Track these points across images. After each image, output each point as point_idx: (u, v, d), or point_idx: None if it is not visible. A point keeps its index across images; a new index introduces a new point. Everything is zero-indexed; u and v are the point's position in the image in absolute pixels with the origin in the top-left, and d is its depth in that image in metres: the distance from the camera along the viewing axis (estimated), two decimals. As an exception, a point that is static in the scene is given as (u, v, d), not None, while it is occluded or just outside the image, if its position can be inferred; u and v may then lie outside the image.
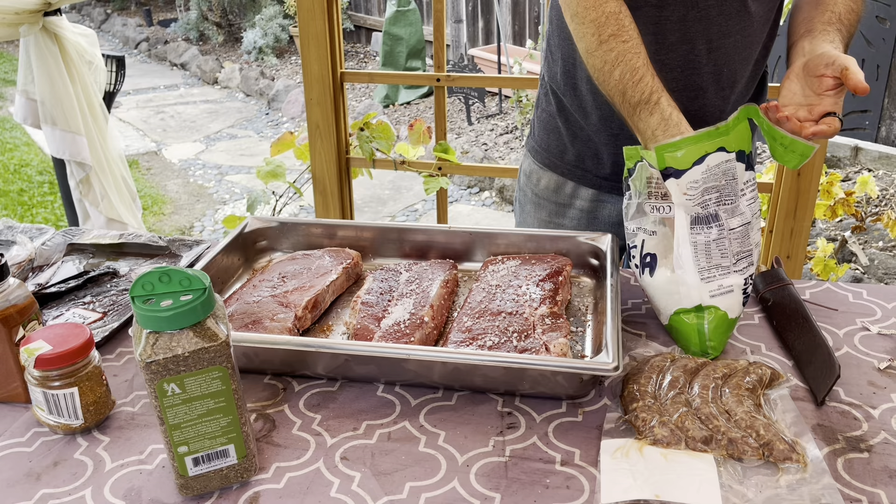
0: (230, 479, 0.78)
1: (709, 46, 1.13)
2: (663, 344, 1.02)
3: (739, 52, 1.16)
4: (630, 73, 0.99)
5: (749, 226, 0.98)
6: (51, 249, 1.31)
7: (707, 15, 1.11)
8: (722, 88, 1.18)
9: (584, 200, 1.34)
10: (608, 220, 1.34)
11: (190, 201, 4.87)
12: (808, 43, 1.03)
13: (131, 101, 7.18)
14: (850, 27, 1.07)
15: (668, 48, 1.13)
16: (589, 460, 0.81)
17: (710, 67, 1.15)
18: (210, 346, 0.71)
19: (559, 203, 1.36)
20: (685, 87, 1.16)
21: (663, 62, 1.12)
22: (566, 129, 1.31)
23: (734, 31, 1.13)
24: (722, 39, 1.13)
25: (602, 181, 1.31)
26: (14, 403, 0.93)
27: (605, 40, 1.01)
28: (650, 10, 1.10)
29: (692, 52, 1.13)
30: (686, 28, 1.11)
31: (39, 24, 2.53)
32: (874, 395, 0.91)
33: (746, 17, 1.13)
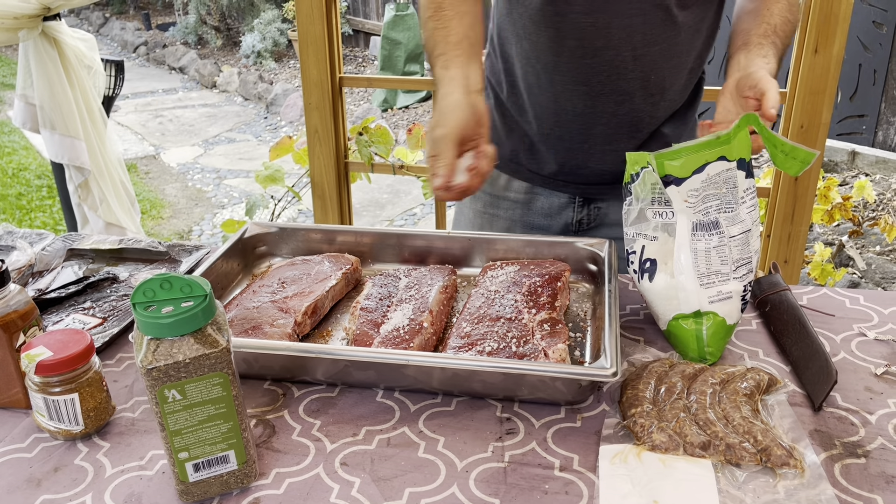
0: (230, 484, 0.79)
1: (634, 54, 1.16)
2: (661, 349, 1.03)
3: (668, 60, 1.19)
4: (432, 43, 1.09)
5: (749, 233, 0.98)
6: (50, 255, 1.32)
7: (631, 23, 1.14)
8: (651, 94, 1.21)
9: (518, 193, 1.37)
10: (540, 212, 1.37)
11: (188, 205, 4.88)
12: (744, 57, 1.08)
13: (130, 105, 7.19)
14: (784, 38, 1.12)
15: (593, 53, 1.17)
16: (588, 466, 0.82)
17: (636, 73, 1.18)
18: (211, 353, 0.72)
19: (493, 195, 1.39)
20: (612, 91, 1.19)
21: (590, 66, 1.17)
22: (502, 124, 1.34)
23: (660, 40, 1.16)
24: (647, 47, 1.16)
25: (535, 175, 1.34)
26: (14, 409, 0.93)
27: (425, 21, 1.11)
28: (577, 16, 1.14)
29: (618, 58, 1.17)
30: (611, 35, 1.15)
31: (39, 29, 2.53)
32: (871, 400, 0.91)
33: (672, 27, 1.16)
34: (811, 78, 1.95)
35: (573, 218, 1.35)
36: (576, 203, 1.34)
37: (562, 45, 1.17)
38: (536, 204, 1.36)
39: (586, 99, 1.21)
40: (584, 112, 1.22)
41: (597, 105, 1.21)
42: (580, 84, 1.20)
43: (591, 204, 1.34)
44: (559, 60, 1.19)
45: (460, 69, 1.05)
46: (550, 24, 1.16)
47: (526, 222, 1.38)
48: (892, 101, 4.40)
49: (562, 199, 1.34)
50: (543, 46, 1.19)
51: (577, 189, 1.32)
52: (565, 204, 1.34)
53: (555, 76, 1.20)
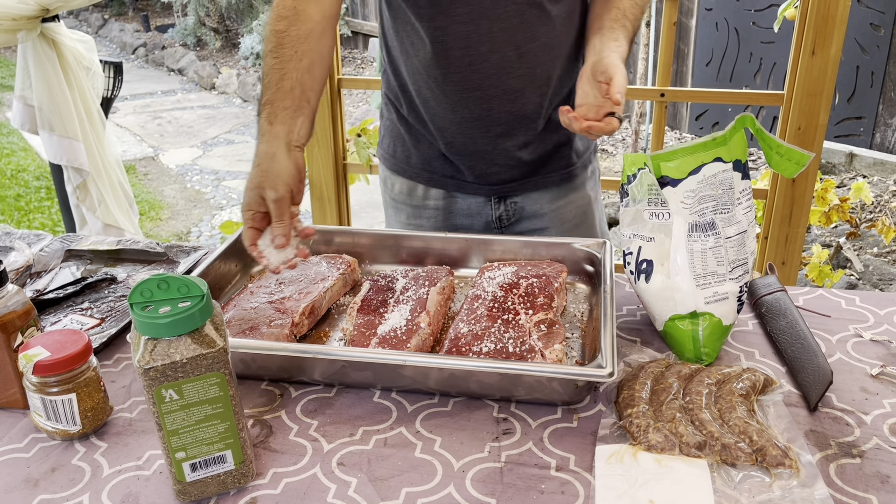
0: (227, 484, 0.79)
1: (518, 52, 1.20)
2: (658, 350, 1.03)
3: (549, 53, 1.24)
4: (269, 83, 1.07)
5: (745, 234, 0.99)
6: (49, 255, 1.32)
7: (510, 25, 1.18)
8: (539, 87, 1.25)
9: (437, 200, 1.40)
10: (463, 213, 1.40)
11: (187, 207, 4.88)
12: (598, 41, 1.14)
13: (128, 107, 7.19)
14: (634, 21, 1.19)
15: (480, 58, 1.21)
16: (584, 466, 0.82)
17: (523, 71, 1.22)
18: (208, 353, 0.72)
19: (414, 206, 1.42)
20: (503, 92, 1.23)
21: (479, 71, 1.22)
22: (408, 136, 1.37)
23: (539, 35, 1.21)
24: (529, 44, 1.21)
25: (449, 181, 1.37)
26: (12, 409, 0.93)
27: (266, 54, 1.10)
28: (458, 27, 1.18)
29: (504, 60, 1.21)
30: (493, 39, 1.19)
31: (37, 30, 2.54)
32: (866, 401, 0.92)
33: (548, 21, 1.21)
34: (809, 80, 1.96)
35: (493, 216, 1.39)
36: (492, 202, 1.37)
37: (449, 56, 1.21)
38: (456, 206, 1.40)
39: (481, 103, 1.25)
40: (481, 116, 1.26)
41: (492, 107, 1.25)
42: (473, 90, 1.24)
43: (507, 200, 1.37)
44: (449, 72, 1.23)
45: (284, 125, 1.04)
46: (435, 39, 1.20)
47: (450, 225, 1.41)
48: (889, 103, 4.41)
49: (479, 199, 1.38)
50: (432, 61, 1.23)
51: (490, 189, 1.36)
52: (483, 203, 1.38)
53: (446, 87, 1.24)
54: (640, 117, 4.79)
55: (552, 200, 1.38)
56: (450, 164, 1.35)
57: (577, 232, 1.41)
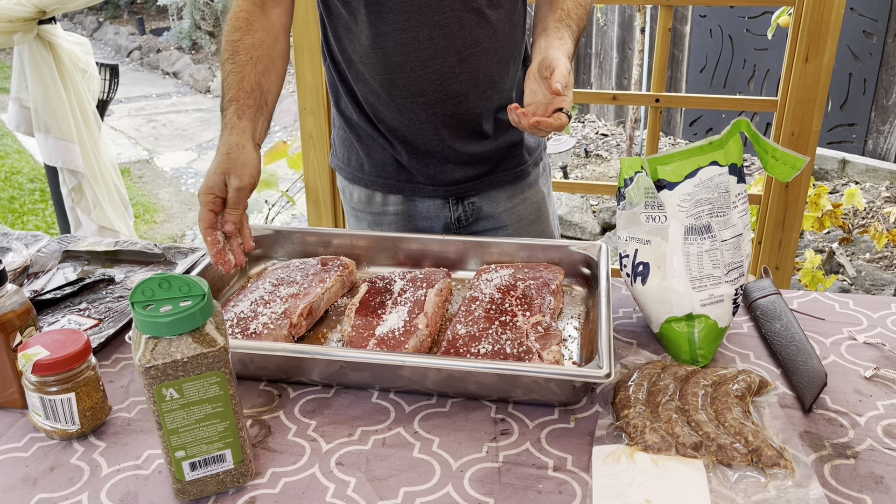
0: (226, 483, 0.79)
1: (458, 57, 1.22)
2: (654, 352, 1.04)
3: (491, 57, 1.25)
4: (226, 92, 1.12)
5: (740, 237, 1.00)
6: (46, 256, 1.32)
7: (450, 31, 1.20)
8: (483, 91, 1.27)
9: (397, 205, 1.41)
10: (422, 216, 1.41)
11: (182, 209, 4.87)
12: (544, 41, 1.14)
13: (123, 110, 7.17)
14: (578, 20, 1.20)
15: (421, 65, 1.22)
16: (581, 466, 0.83)
17: (465, 76, 1.24)
18: (208, 352, 0.72)
19: (374, 213, 1.43)
20: (447, 97, 1.25)
21: (420, 77, 1.23)
22: (360, 145, 1.38)
23: (480, 41, 1.23)
24: (470, 49, 1.22)
25: (405, 185, 1.38)
26: (10, 409, 0.93)
27: (223, 62, 1.15)
28: (397, 34, 1.20)
29: (445, 65, 1.22)
30: (434, 45, 1.21)
31: (34, 32, 2.53)
32: (860, 402, 0.93)
33: (488, 27, 1.23)
34: (802, 87, 1.97)
35: (451, 217, 1.40)
36: (450, 203, 1.39)
37: (390, 62, 1.23)
38: (416, 211, 1.41)
39: (425, 107, 1.26)
40: (427, 120, 1.28)
41: (437, 112, 1.26)
42: (417, 95, 1.25)
43: (465, 200, 1.39)
44: (393, 77, 1.24)
45: (251, 122, 1.10)
46: (377, 46, 1.22)
47: (412, 227, 1.42)
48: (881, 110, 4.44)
49: (437, 202, 1.39)
50: (376, 67, 1.24)
51: (447, 191, 1.37)
52: (441, 206, 1.39)
53: (392, 91, 1.26)
54: (635, 123, 4.81)
55: (508, 198, 1.40)
56: (404, 169, 1.36)
57: (534, 228, 1.43)
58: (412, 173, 1.36)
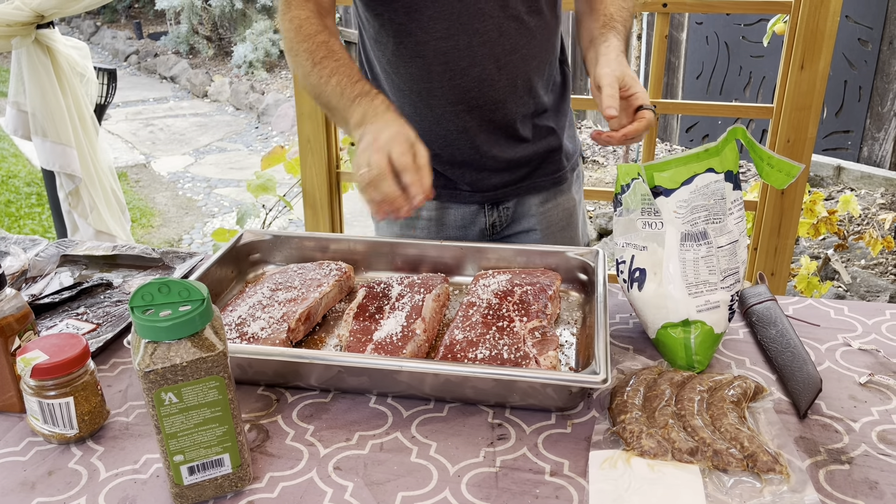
0: (224, 488, 0.79)
1: (497, 65, 1.23)
2: (650, 357, 1.04)
3: (529, 63, 1.26)
4: (347, 77, 1.12)
5: (736, 244, 1.00)
6: (44, 261, 1.32)
7: (489, 39, 1.20)
8: (520, 97, 1.28)
9: (429, 210, 1.41)
10: (454, 225, 1.41)
11: (179, 214, 4.87)
12: (594, 52, 1.17)
13: (120, 114, 7.18)
14: (623, 21, 1.21)
15: (460, 73, 1.23)
16: (578, 471, 0.83)
17: (504, 82, 1.25)
18: (207, 357, 0.73)
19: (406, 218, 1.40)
20: (486, 103, 1.25)
21: (458, 86, 1.24)
22: None
23: (519, 47, 1.23)
24: (509, 56, 1.23)
25: (442, 192, 1.37)
26: (9, 413, 0.94)
27: (318, 62, 1.14)
28: (437, 42, 1.20)
29: (484, 73, 1.23)
30: (473, 53, 1.21)
31: (32, 37, 2.54)
32: (855, 408, 0.93)
33: (527, 33, 1.23)
34: (797, 94, 1.99)
35: (486, 223, 1.40)
36: (486, 209, 1.39)
37: (430, 71, 1.23)
38: (449, 217, 1.41)
39: (464, 115, 1.26)
40: (465, 127, 1.28)
41: (474, 118, 1.27)
42: (455, 104, 1.25)
43: (500, 206, 1.39)
44: (431, 87, 1.25)
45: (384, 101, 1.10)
46: (415, 55, 1.22)
47: (442, 237, 1.42)
48: (877, 117, 4.46)
49: (472, 208, 1.39)
50: (413, 76, 1.25)
51: (483, 197, 1.37)
52: (476, 211, 1.39)
53: (430, 101, 1.26)
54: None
55: (541, 203, 1.40)
56: (441, 178, 1.36)
57: (563, 234, 1.43)
58: (449, 180, 1.36)
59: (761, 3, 2.13)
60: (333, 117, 1.18)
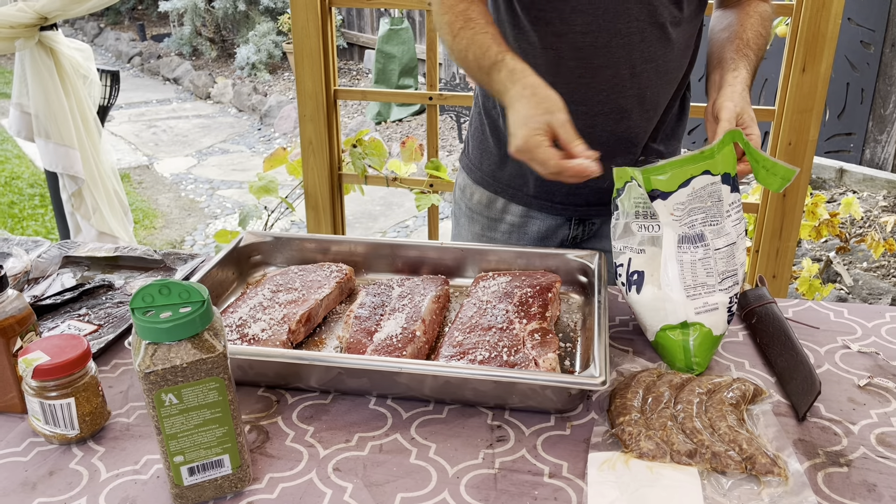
0: (224, 489, 0.80)
1: (632, 71, 1.19)
2: (649, 360, 1.04)
3: (661, 77, 1.22)
4: (478, 48, 1.09)
5: (734, 246, 1.01)
6: (46, 262, 1.33)
7: (630, 42, 1.17)
8: (646, 110, 1.23)
9: (514, 216, 1.38)
10: (536, 235, 1.38)
11: (181, 215, 4.88)
12: (719, 75, 1.14)
13: (123, 115, 7.19)
14: (758, 51, 1.17)
15: (592, 72, 1.19)
16: (576, 473, 0.83)
17: (633, 91, 1.21)
18: (208, 358, 0.73)
19: (491, 218, 1.40)
20: (611, 110, 1.21)
21: (589, 85, 1.19)
22: (497, 149, 1.34)
23: (656, 57, 1.19)
24: (644, 65, 1.19)
25: (531, 199, 1.35)
26: (10, 414, 0.94)
27: (456, 33, 1.13)
28: (575, 36, 1.16)
29: (616, 76, 1.19)
30: (610, 53, 1.17)
31: (35, 39, 2.55)
32: (854, 411, 0.93)
33: (667, 44, 1.19)
34: (799, 96, 1.99)
35: (568, 236, 1.37)
36: (572, 223, 1.36)
37: (560, 65, 1.19)
38: (532, 227, 1.37)
39: (585, 119, 1.20)
40: (583, 132, 1.19)
41: (596, 124, 1.22)
42: (579, 104, 1.19)
43: (587, 221, 1.36)
44: (557, 81, 1.16)
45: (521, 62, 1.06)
46: (548, 46, 1.18)
47: (522, 244, 1.38)
48: (879, 119, 4.46)
49: (558, 220, 1.36)
50: (542, 68, 1.17)
51: (574, 211, 1.34)
52: (561, 224, 1.36)
53: None
54: (634, 131, 4.82)
55: None
56: (532, 184, 1.32)
57: None
58: (545, 190, 1.32)
59: (763, 6, 2.12)
60: (486, 89, 1.14)
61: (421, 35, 7.06)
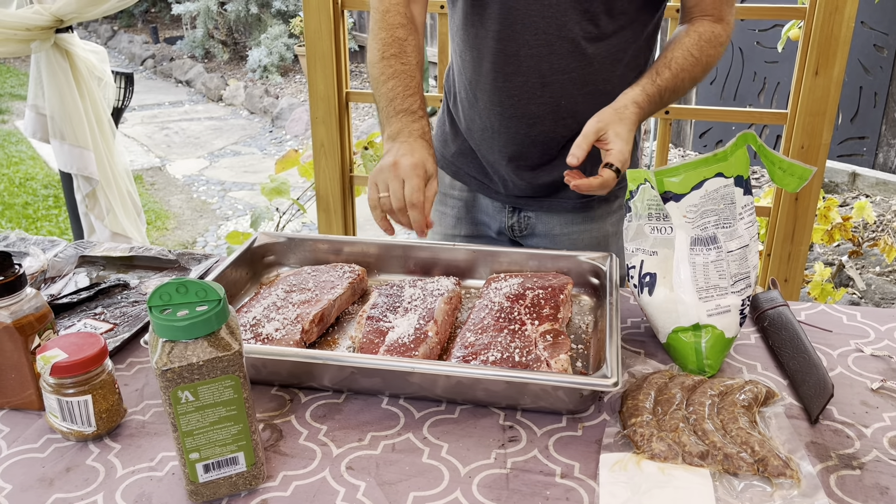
0: (239, 486, 0.81)
1: (542, 81, 1.22)
2: (661, 361, 1.05)
3: (580, 88, 1.23)
4: (403, 87, 1.17)
5: (747, 248, 1.01)
6: (62, 261, 1.34)
7: (538, 53, 1.20)
8: (562, 118, 1.26)
9: (462, 192, 1.45)
10: (484, 210, 1.44)
11: (193, 217, 4.91)
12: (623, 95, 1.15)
13: (136, 117, 7.24)
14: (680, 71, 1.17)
15: (505, 78, 1.24)
16: (588, 473, 0.84)
17: (546, 99, 1.24)
18: (224, 356, 0.74)
19: (441, 192, 1.46)
20: (523, 115, 1.26)
21: (502, 89, 1.25)
22: (449, 128, 1.43)
23: (570, 69, 1.21)
24: (556, 75, 1.21)
25: (472, 179, 1.42)
26: (28, 410, 0.95)
27: (386, 57, 1.19)
28: (490, 42, 1.22)
29: (527, 84, 1.22)
30: (519, 62, 1.21)
31: (51, 41, 2.57)
32: (867, 414, 0.93)
33: (582, 58, 1.21)
34: (811, 100, 1.98)
35: (506, 223, 1.42)
36: (507, 210, 1.41)
37: (481, 66, 1.25)
38: (479, 203, 1.44)
39: (501, 119, 1.27)
40: (500, 131, 1.29)
41: (510, 126, 1.27)
42: (495, 105, 1.27)
43: (521, 213, 1.41)
44: (479, 80, 1.26)
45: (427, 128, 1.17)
46: (473, 46, 1.25)
47: (472, 218, 1.46)
48: (892, 123, 4.43)
49: (495, 203, 1.42)
50: (469, 65, 1.27)
51: (505, 198, 1.40)
52: (499, 208, 1.42)
53: (478, 93, 1.28)
54: (645, 134, 4.82)
55: (565, 224, 1.40)
56: (474, 166, 1.39)
57: None
58: (479, 171, 1.39)
59: (776, 10, 2.12)
60: (378, 114, 1.21)
61: (432, 38, 7.07)
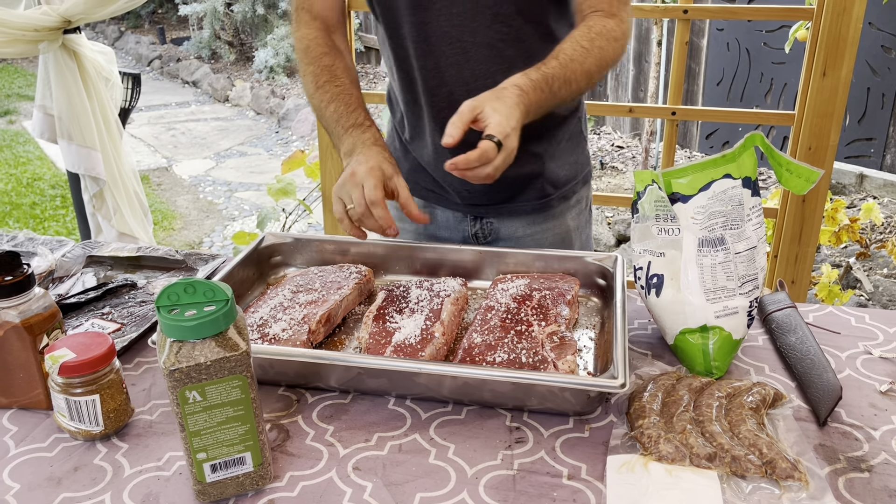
0: (246, 486, 0.81)
1: (467, 88, 1.22)
2: (669, 363, 1.04)
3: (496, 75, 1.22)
4: (345, 105, 1.22)
5: (754, 250, 1.00)
6: (70, 261, 1.35)
7: (457, 62, 1.22)
8: None
9: (420, 206, 1.43)
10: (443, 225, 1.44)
11: (199, 217, 4.92)
12: None
13: (143, 118, 7.26)
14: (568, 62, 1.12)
15: (430, 92, 1.26)
16: (595, 475, 0.83)
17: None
18: (231, 356, 0.74)
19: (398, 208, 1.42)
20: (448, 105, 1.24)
21: (433, 103, 1.27)
22: (399, 145, 1.43)
23: (492, 73, 1.21)
24: (479, 81, 1.22)
25: (429, 193, 1.42)
26: (36, 410, 0.96)
27: (321, 85, 1.24)
28: (412, 60, 1.24)
29: (452, 95, 1.23)
30: (442, 75, 1.23)
31: (59, 42, 2.58)
32: (875, 416, 0.93)
33: (502, 61, 1.22)
34: (819, 101, 1.98)
35: (469, 232, 1.42)
36: (469, 219, 1.41)
37: (411, 83, 1.27)
38: (437, 218, 1.44)
39: (439, 132, 1.23)
40: (440, 144, 1.25)
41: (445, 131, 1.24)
42: (430, 119, 1.28)
43: (483, 220, 1.40)
44: (412, 97, 1.29)
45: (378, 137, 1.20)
46: (399, 67, 1.27)
47: (430, 234, 1.45)
48: (900, 124, 4.41)
49: (457, 214, 1.42)
50: (402, 86, 1.30)
51: (464, 208, 1.40)
52: (461, 218, 1.42)
53: (416, 109, 1.30)
54: (651, 135, 4.81)
55: (528, 226, 1.40)
56: (428, 180, 1.39)
57: None
58: (435, 184, 1.38)
59: (783, 10, 2.12)
60: (332, 140, 1.24)
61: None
